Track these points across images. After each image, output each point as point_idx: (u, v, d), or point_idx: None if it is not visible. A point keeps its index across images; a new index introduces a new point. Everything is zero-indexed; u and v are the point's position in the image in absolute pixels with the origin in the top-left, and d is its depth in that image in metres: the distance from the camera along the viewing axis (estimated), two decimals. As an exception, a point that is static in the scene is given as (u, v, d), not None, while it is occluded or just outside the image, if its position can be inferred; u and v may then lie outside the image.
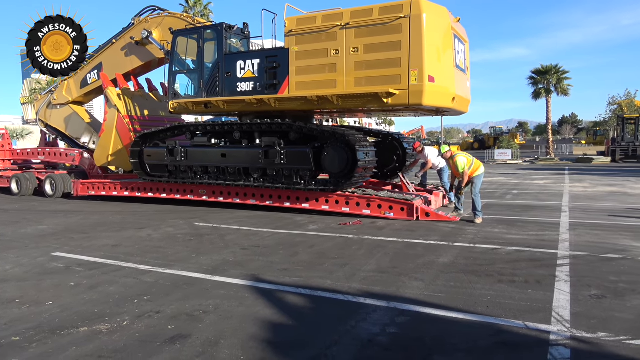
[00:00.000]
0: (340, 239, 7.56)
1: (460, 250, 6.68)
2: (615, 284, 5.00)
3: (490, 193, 13.84)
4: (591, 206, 10.90)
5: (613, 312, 4.19)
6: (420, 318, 4.18)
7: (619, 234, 7.58)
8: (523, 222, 8.81)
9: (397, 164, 12.32)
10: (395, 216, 9.36)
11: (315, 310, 4.45)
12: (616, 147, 33.56)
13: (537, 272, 5.47)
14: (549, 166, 29.47)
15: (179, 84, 11.39)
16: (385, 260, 6.18)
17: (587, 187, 15.31)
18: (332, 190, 9.75)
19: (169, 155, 11.61)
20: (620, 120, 35.18)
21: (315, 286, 5.08)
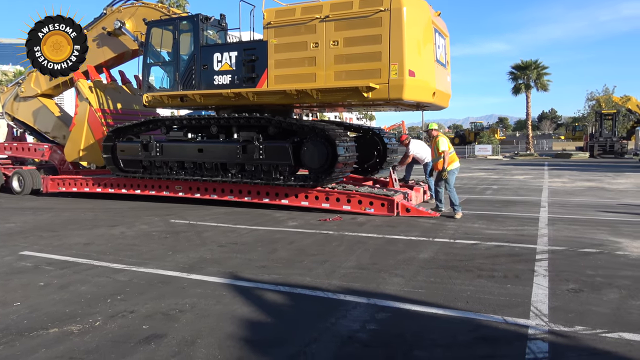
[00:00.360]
0: (320, 235, 7.57)
1: (441, 245, 6.77)
2: (592, 278, 5.13)
3: (470, 188, 14.04)
4: (570, 201, 11.15)
5: (590, 306, 4.30)
6: (400, 314, 4.23)
7: (597, 229, 7.78)
8: (503, 217, 8.97)
9: (377, 159, 12.41)
10: (376, 212, 9.42)
11: (294, 307, 4.46)
12: (594, 143, 34.42)
13: (516, 267, 5.58)
14: (529, 161, 30.03)
15: (154, 77, 11.22)
16: (365, 256, 6.21)
17: (566, 182, 15.66)
18: (311, 185, 9.75)
19: (144, 150, 11.45)
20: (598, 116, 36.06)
21: (294, 283, 5.08)
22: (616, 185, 14.70)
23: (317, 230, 7.96)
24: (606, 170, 20.84)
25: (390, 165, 12.85)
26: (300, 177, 9.98)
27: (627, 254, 6.13)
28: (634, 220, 8.64)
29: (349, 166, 9.96)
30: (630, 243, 6.75)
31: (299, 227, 8.28)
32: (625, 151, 33.45)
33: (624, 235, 7.29)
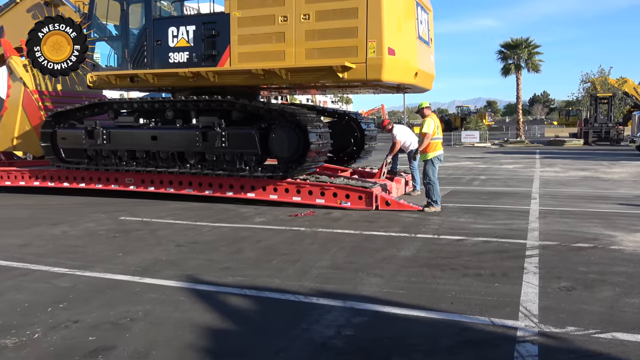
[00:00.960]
0: (290, 233, 7.59)
1: (423, 242, 6.88)
2: (585, 274, 5.31)
3: (456, 179, 14.27)
4: (562, 192, 11.47)
5: (582, 305, 4.45)
6: (379, 317, 4.28)
7: (590, 222, 8.03)
8: (490, 211, 9.16)
9: (354, 147, 12.50)
10: (353, 206, 9.49)
11: (261, 313, 4.46)
12: (589, 129, 35.40)
13: (504, 264, 5.72)
14: (519, 149, 30.70)
15: (99, 54, 10.97)
16: (341, 255, 6.26)
17: (559, 172, 16.09)
18: (281, 177, 9.75)
19: (88, 137, 11.23)
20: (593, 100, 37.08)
21: (261, 286, 5.09)
22: (611, 174, 15.19)
23: (287, 227, 7.97)
24: (601, 159, 21.48)
25: (369, 153, 12.94)
26: (269, 168, 9.97)
27: (621, 249, 6.35)
28: (630, 212, 8.95)
29: (322, 155, 9.99)
30: (625, 237, 6.99)
31: (267, 224, 8.27)
32: (622, 138, 34.49)
33: (619, 228, 7.55)
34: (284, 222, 8.38)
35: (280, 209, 9.61)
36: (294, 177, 9.89)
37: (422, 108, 9.45)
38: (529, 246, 6.53)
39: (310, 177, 10.15)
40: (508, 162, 20.60)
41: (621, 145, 33.01)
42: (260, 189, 10.14)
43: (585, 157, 22.94)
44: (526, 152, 27.05)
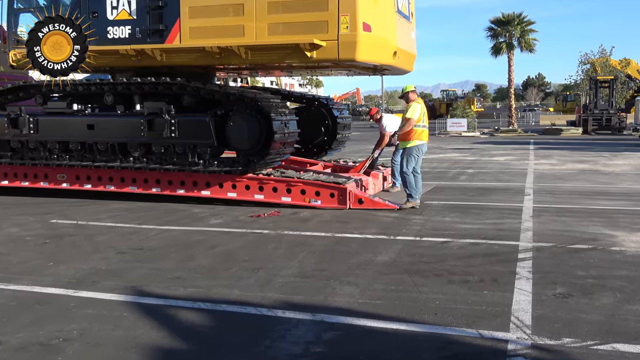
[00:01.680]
0: (251, 236, 7.57)
1: (404, 245, 6.95)
2: (583, 279, 5.46)
3: (440, 173, 14.46)
4: (559, 187, 11.75)
5: (580, 314, 4.57)
6: (353, 332, 4.31)
7: (590, 220, 8.25)
8: (479, 208, 9.32)
9: (325, 136, 12.54)
10: (324, 204, 9.53)
11: (218, 329, 4.45)
12: (588, 116, 36.24)
13: (494, 269, 5.83)
14: (512, 139, 31.28)
15: (24, 28, 10.71)
16: (310, 261, 6.28)
17: (555, 165, 16.46)
18: (241, 172, 9.72)
19: (11, 126, 10.97)
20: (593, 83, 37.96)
21: (218, 298, 5.07)
22: (613, 167, 15.63)
23: (248, 230, 7.95)
24: (602, 150, 22.07)
25: (342, 144, 12.99)
26: (226, 161, 9.92)
27: (623, 250, 6.55)
28: (632, 209, 9.23)
29: (288, 146, 9.99)
30: (627, 236, 7.21)
31: (224, 226, 8.24)
32: (624, 126, 35.46)
33: (621, 227, 7.78)
34: (244, 224, 8.34)
35: (240, 209, 9.57)
36: (255, 172, 9.86)
37: (407, 92, 9.52)
38: (521, 248, 6.66)
39: (274, 171, 10.12)
40: (499, 153, 20.97)
41: (623, 134, 33.94)
42: (216, 185, 10.09)
43: (584, 147, 23.51)
44: (519, 143, 27.57)
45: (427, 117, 9.46)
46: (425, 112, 9.41)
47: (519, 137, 33.04)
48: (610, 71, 43.29)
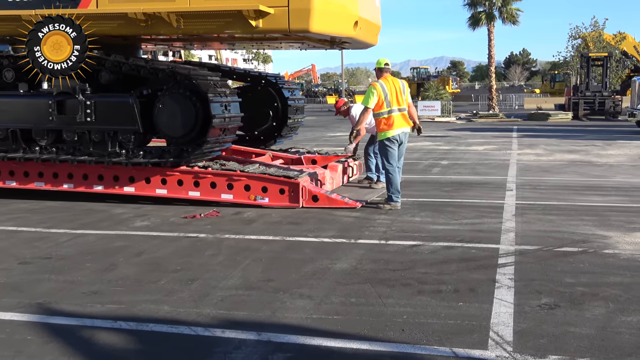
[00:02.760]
0: (185, 241, 7.53)
1: (366, 250, 7.01)
2: (571, 287, 5.60)
3: (410, 165, 14.60)
4: (545, 181, 12.03)
5: (568, 327, 4.70)
6: (306, 353, 4.33)
7: (580, 219, 8.48)
8: (454, 206, 9.47)
9: (274, 121, 12.51)
10: (272, 202, 9.52)
11: (143, 353, 4.40)
12: (579, 99, 37.15)
13: (471, 277, 5.93)
14: (492, 125, 31.84)
15: None
16: (255, 270, 6.27)
17: (541, 155, 16.85)
18: (172, 164, 9.64)
19: None
20: (584, 61, 38.91)
21: (144, 316, 5.02)
22: (606, 158, 16.10)
23: (180, 233, 7.92)
24: (594, 138, 22.69)
25: (294, 130, 12.99)
26: (154, 152, 9.83)
27: (617, 253, 6.76)
28: (628, 206, 9.54)
29: (230, 133, 9.95)
30: (621, 237, 7.45)
31: (152, 229, 8.20)
32: (619, 111, 36.51)
33: (615, 227, 8.03)
34: (176, 227, 8.30)
35: (171, 209, 9.52)
36: (190, 164, 9.79)
37: (378, 68, 9.52)
38: (502, 252, 6.80)
39: (213, 163, 10.07)
40: (477, 142, 21.32)
41: (618, 120, 34.94)
42: (142, 180, 9.99)
43: (574, 135, 24.11)
44: (501, 129, 28.06)
45: (401, 96, 9.23)
46: (396, 91, 9.23)
47: (500, 123, 33.63)
48: (603, 47, 44.47)
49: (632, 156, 16.56)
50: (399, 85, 9.33)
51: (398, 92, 9.28)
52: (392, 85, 9.30)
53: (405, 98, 9.35)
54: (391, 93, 9.24)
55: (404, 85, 9.43)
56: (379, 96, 9.22)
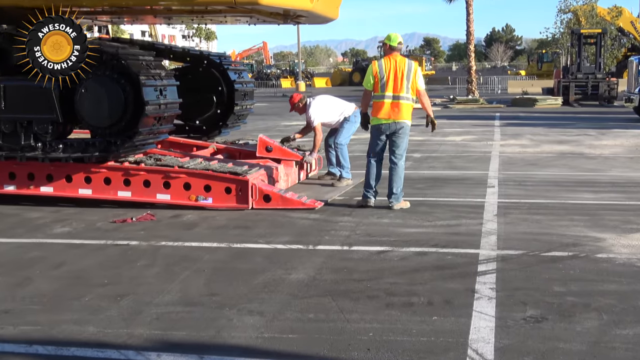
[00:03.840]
0: (113, 250, 7.49)
1: (327, 257, 7.04)
2: (561, 297, 5.70)
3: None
4: (531, 176, 12.23)
5: (556, 342, 4.78)
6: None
7: (570, 219, 8.65)
8: (428, 206, 9.58)
9: (219, 109, 12.43)
10: (216, 203, 9.50)
11: (64, 382, 4.34)
12: (570, 82, 37.63)
13: (446, 287, 5.99)
14: (472, 112, 32.17)
15: None
16: (196, 282, 6.25)
17: (527, 146, 17.09)
18: (98, 159, 9.54)
19: None
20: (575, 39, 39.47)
21: (65, 339, 4.97)
22: (600, 149, 16.40)
23: (108, 241, 7.87)
24: (586, 126, 23.05)
25: (241, 119, 12.94)
26: (77, 145, 9.72)
27: (612, 257, 6.91)
28: (624, 203, 9.75)
29: (166, 122, 9.91)
30: (616, 240, 7.61)
31: (74, 236, 8.14)
32: (615, 95, 37.15)
33: (609, 227, 8.20)
34: (103, 233, 8.25)
35: (97, 212, 9.45)
36: (119, 160, 9.70)
37: (389, 45, 9.51)
38: (482, 258, 6.89)
39: (146, 158, 9.98)
40: (455, 131, 21.52)
41: (614, 105, 35.56)
42: (62, 179, 9.87)
43: (564, 123, 24.47)
44: (481, 117, 28.36)
45: (402, 81, 9.19)
46: (396, 74, 9.20)
47: (481, 110, 33.98)
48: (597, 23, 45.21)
49: (630, 147, 16.88)
50: (402, 69, 9.26)
51: (399, 76, 9.24)
52: (394, 67, 9.27)
53: (411, 85, 9.28)
54: (389, 75, 9.24)
55: (410, 70, 9.30)
56: (375, 76, 9.30)
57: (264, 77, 76.72)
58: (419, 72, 9.43)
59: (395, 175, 9.34)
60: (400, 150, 9.40)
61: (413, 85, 9.31)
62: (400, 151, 9.39)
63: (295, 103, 11.64)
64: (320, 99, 11.64)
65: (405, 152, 9.49)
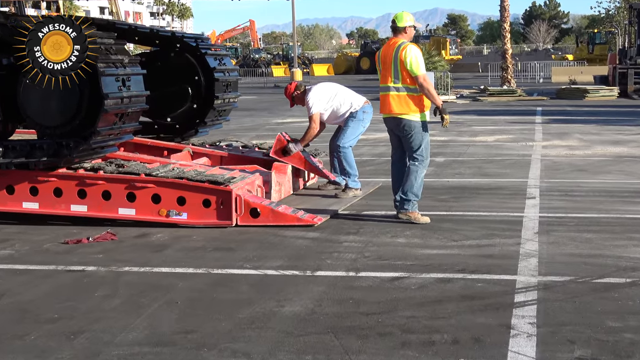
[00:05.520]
0: (66, 277, 7.49)
1: (328, 285, 7.01)
2: (616, 334, 5.66)
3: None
4: (580, 185, 12.23)
5: (612, 390, 4.77)
6: None
7: (628, 238, 8.62)
8: (454, 221, 9.59)
9: (195, 103, 12.42)
10: (192, 219, 9.51)
11: None
12: (627, 68, 37.51)
13: (476, 322, 5.94)
14: (507, 106, 32.10)
15: None
16: (168, 317, 6.23)
17: (575, 148, 17.06)
18: (46, 165, 9.55)
19: None
20: (634, 15, 39.41)
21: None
22: (665, 151, 16.37)
23: (59, 266, 7.86)
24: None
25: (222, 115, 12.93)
26: (20, 148, 9.72)
27: (679, 285, 6.88)
28: (695, 218, 9.71)
29: (130, 120, 9.94)
30: (686, 263, 7.59)
31: (17, 261, 8.15)
32: (683, 84, 37.03)
33: (676, 248, 8.18)
34: (53, 257, 8.24)
35: (46, 230, 9.48)
36: (73, 166, 9.71)
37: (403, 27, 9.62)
38: (520, 286, 6.86)
39: (106, 164, 9.99)
40: (486, 130, 21.50)
41: (682, 98, 35.46)
42: (2, 190, 9.89)
43: (621, 119, 24.43)
44: (519, 112, 28.30)
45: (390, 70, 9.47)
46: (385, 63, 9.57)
47: (518, 104, 33.90)
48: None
49: (701, 148, 16.83)
50: (390, 55, 9.48)
51: (388, 65, 9.51)
52: (385, 54, 9.60)
53: (400, 71, 9.39)
54: (382, 63, 9.62)
55: (397, 52, 9.41)
56: (377, 65, 9.74)
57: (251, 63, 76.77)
58: (409, 53, 9.38)
59: (405, 176, 9.53)
60: (410, 150, 9.54)
61: (402, 70, 9.40)
62: (411, 152, 9.53)
63: (292, 93, 11.67)
64: (323, 85, 11.73)
65: (419, 152, 9.51)
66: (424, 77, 9.44)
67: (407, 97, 9.41)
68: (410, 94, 9.41)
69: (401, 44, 9.46)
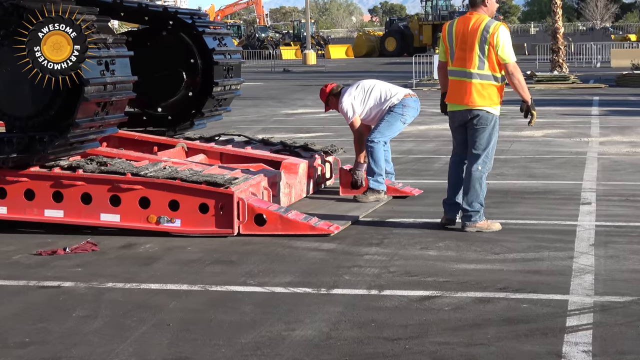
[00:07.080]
0: (38, 294, 7.51)
1: (347, 306, 7.01)
2: (687, 365, 5.66)
3: (423, 161, 14.66)
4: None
5: None
6: None
7: (700, 251, 8.59)
8: (494, 231, 9.55)
9: (190, 90, 12.44)
10: (187, 227, 9.55)
11: None
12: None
13: (521, 349, 5.92)
14: (558, 95, 32.05)
15: None
16: (158, 341, 6.23)
17: (639, 145, 17.00)
18: (15, 163, 9.59)
19: None
20: None
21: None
22: None
23: (31, 281, 7.88)
24: None
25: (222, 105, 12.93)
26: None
27: None
28: None
29: (114, 110, 9.98)
30: None
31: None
32: None
33: None
34: (24, 271, 8.28)
35: (15, 239, 9.56)
36: (47, 164, 9.76)
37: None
38: (573, 308, 6.83)
39: (86, 162, 10.03)
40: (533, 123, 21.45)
41: None
42: (-36, 191, 9.91)
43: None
44: (572, 102, 28.27)
45: (467, 50, 9.41)
46: (463, 38, 9.47)
47: (571, 92, 33.84)
48: None
49: None
50: (474, 34, 9.40)
51: (470, 46, 9.44)
52: (463, 32, 9.52)
53: (487, 55, 9.39)
54: (457, 42, 9.54)
55: (486, 33, 9.36)
56: (445, 43, 9.72)
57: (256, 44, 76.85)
58: (502, 36, 9.39)
59: (465, 183, 9.50)
60: (477, 148, 9.48)
61: (490, 55, 9.38)
62: (477, 150, 9.48)
63: (327, 94, 11.76)
64: (356, 85, 11.74)
65: (486, 152, 9.51)
66: (514, 64, 9.54)
67: (491, 87, 9.46)
68: (495, 84, 9.48)
69: (489, 22, 9.42)
